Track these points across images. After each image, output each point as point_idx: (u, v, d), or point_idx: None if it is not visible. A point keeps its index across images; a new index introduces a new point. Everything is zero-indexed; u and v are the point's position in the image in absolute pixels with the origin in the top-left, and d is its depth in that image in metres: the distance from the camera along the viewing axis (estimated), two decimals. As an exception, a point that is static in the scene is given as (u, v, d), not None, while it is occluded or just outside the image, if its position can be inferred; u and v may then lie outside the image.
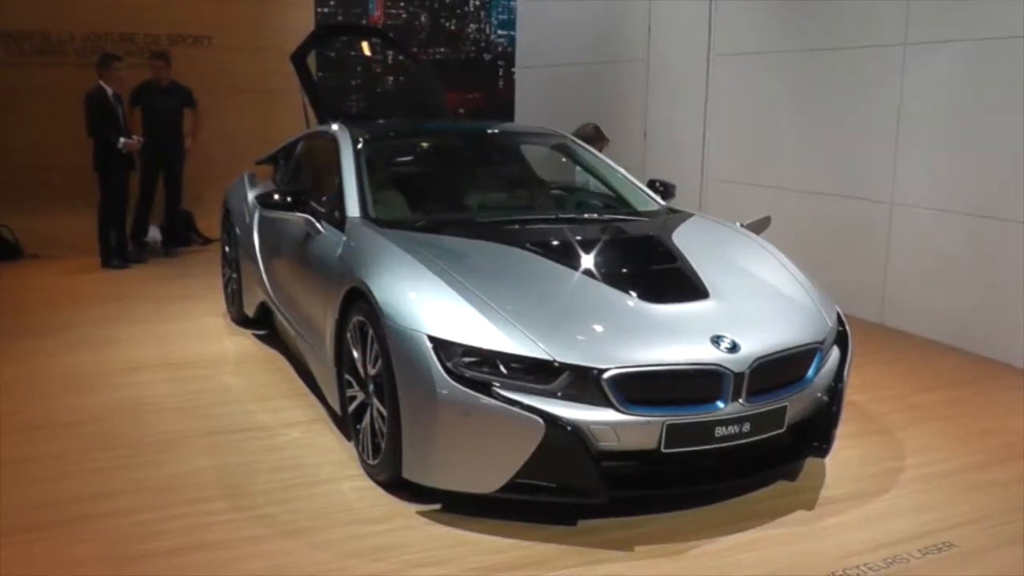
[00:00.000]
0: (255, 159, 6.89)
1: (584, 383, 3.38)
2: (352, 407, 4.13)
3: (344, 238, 4.41)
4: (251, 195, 6.11)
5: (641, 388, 3.42)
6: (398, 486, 3.81)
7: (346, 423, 4.27)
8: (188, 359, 5.72)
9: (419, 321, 3.56)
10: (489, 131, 6.02)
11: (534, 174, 5.87)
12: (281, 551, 3.37)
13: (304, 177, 5.87)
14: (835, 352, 4.04)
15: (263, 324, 6.16)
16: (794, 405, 3.72)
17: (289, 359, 5.63)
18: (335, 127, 5.36)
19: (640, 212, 5.08)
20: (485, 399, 3.36)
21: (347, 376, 4.16)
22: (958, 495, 4.03)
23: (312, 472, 4.09)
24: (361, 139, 5.10)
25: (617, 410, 3.37)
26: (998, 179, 6.06)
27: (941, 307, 6.49)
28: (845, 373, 4.01)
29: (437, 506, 3.73)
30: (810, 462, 4.11)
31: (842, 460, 4.24)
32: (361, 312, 3.93)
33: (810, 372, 3.82)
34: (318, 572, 3.23)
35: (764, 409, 3.59)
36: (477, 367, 3.43)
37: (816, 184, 7.48)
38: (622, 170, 5.57)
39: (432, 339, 3.48)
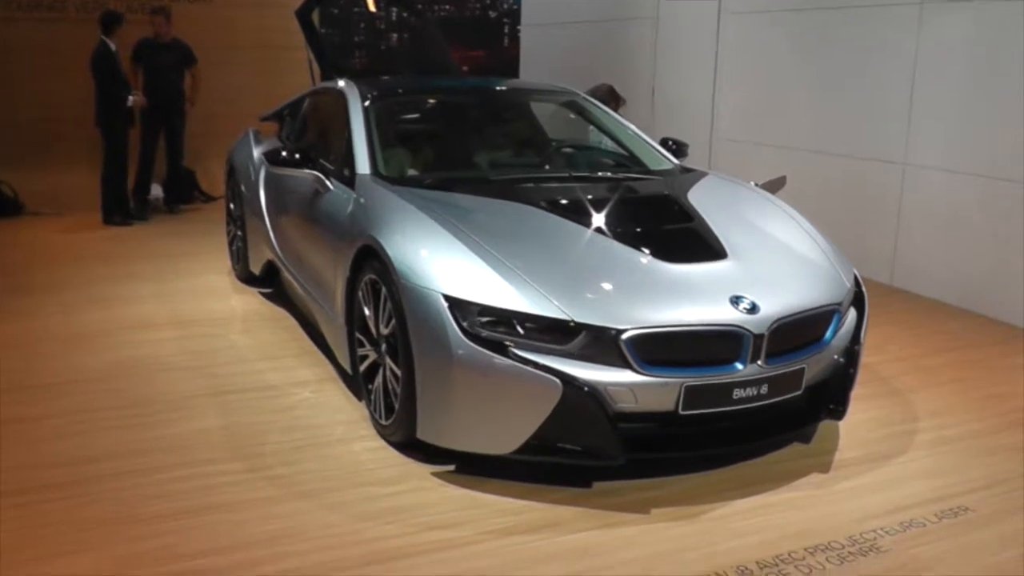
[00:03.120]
0: (259, 116, 6.79)
1: (602, 343, 3.33)
2: (364, 366, 4.09)
3: (354, 195, 4.34)
4: (256, 152, 6.02)
5: (659, 349, 3.37)
6: (411, 447, 3.78)
7: (357, 383, 4.23)
8: (194, 317, 5.67)
9: (434, 280, 3.50)
10: (500, 88, 5.92)
11: (544, 132, 5.79)
12: (293, 512, 3.34)
13: (311, 134, 5.78)
14: (852, 313, 3.99)
15: (269, 282, 6.11)
16: (811, 367, 3.68)
17: (296, 317, 5.58)
18: (342, 83, 5.27)
19: (654, 171, 5.01)
20: (502, 359, 3.31)
21: (358, 335, 4.11)
22: (971, 460, 4.00)
23: (323, 432, 4.05)
24: (370, 95, 5.00)
25: (635, 371, 3.33)
26: (1012, 141, 5.97)
27: (952, 270, 6.44)
28: (862, 335, 3.97)
29: (451, 467, 3.70)
30: (823, 424, 4.08)
31: (855, 423, 4.21)
32: (373, 270, 3.87)
33: (828, 334, 3.78)
34: (331, 534, 3.20)
35: (782, 371, 3.55)
36: (493, 327, 3.38)
37: (827, 144, 7.40)
38: (635, 128, 5.48)
39: (447, 298, 3.43)
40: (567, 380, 3.28)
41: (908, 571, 3.10)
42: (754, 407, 3.53)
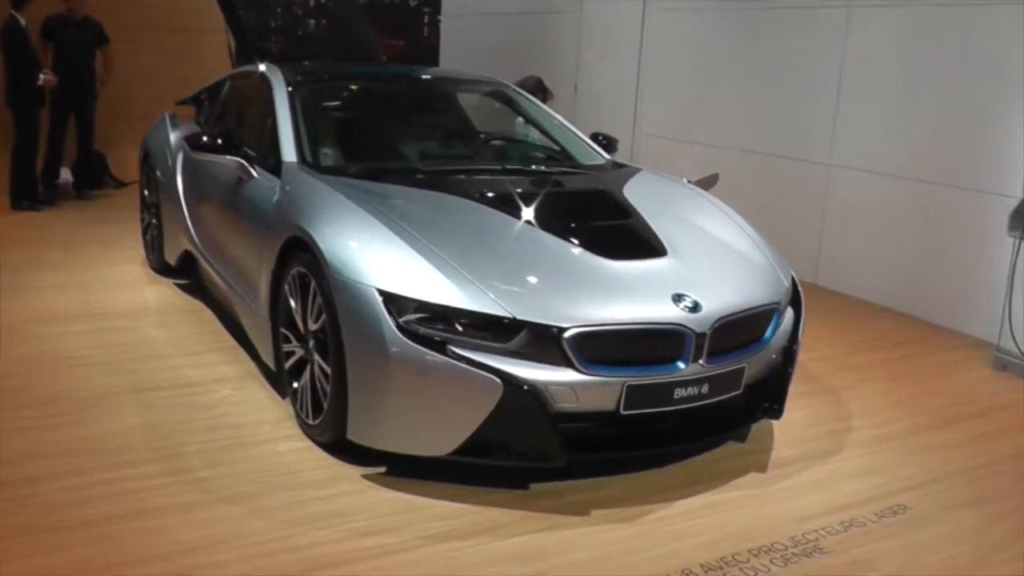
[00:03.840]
0: (176, 100, 6.50)
1: (543, 342, 3.23)
2: (289, 363, 3.91)
3: (280, 184, 4.15)
4: (174, 137, 5.75)
5: (601, 347, 3.28)
6: (340, 447, 3.63)
7: (281, 380, 4.05)
8: (108, 309, 5.38)
9: (368, 274, 3.35)
10: (428, 77, 5.76)
11: (471, 123, 5.65)
12: (219, 519, 3.15)
13: (231, 119, 5.55)
14: (789, 313, 3.97)
15: (185, 273, 5.84)
16: (751, 366, 3.64)
17: (215, 310, 5.34)
18: (265, 68, 5.05)
19: (586, 165, 4.92)
20: (439, 357, 3.18)
21: (284, 330, 3.93)
22: (905, 458, 4.03)
23: (247, 432, 3.86)
24: (295, 81, 4.80)
25: (577, 370, 3.24)
26: (934, 144, 6.08)
27: (876, 269, 6.53)
28: (799, 334, 3.96)
29: (382, 469, 3.55)
30: (758, 423, 4.05)
31: (788, 421, 4.17)
32: (302, 263, 3.69)
33: (767, 333, 3.75)
34: (259, 542, 3.03)
35: (723, 370, 3.50)
36: (430, 324, 3.25)
37: (753, 143, 7.43)
38: (565, 122, 5.40)
39: (382, 293, 3.28)
40: (508, 379, 3.16)
41: (852, 572, 3.08)
42: (694, 407, 3.47)
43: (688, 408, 3.45)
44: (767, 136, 7.32)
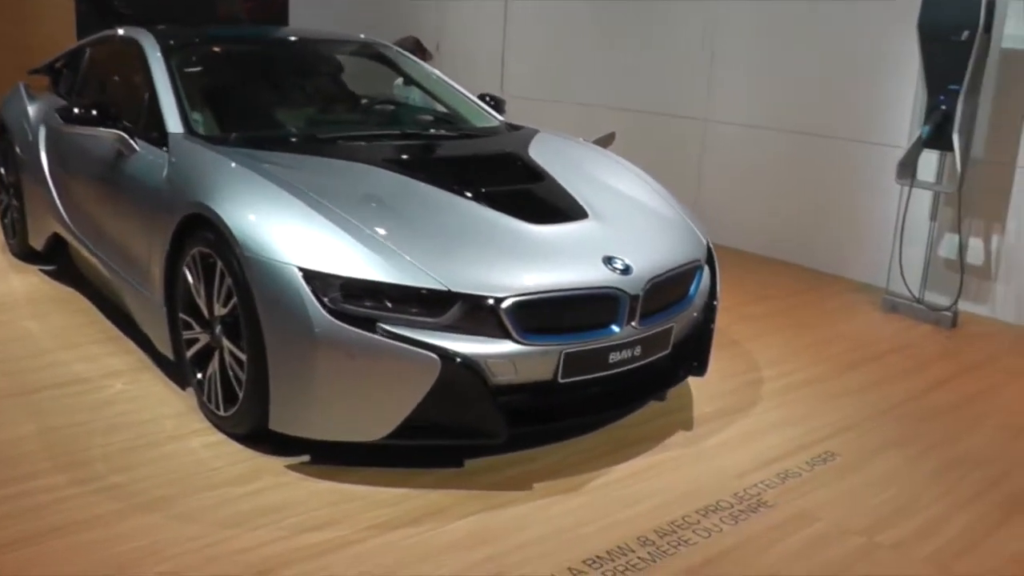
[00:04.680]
0: (27, 69, 5.94)
1: (479, 313, 3.09)
2: (191, 352, 3.64)
3: (168, 157, 3.83)
4: (33, 109, 5.25)
5: (539, 316, 3.17)
6: (256, 438, 3.41)
7: (182, 369, 3.77)
8: (-32, 303, 4.90)
9: (285, 252, 3.12)
10: (305, 38, 5.43)
11: (347, 86, 5.38)
12: (144, 528, 2.89)
13: (96, 88, 5.10)
14: (706, 269, 3.97)
15: (53, 258, 5.38)
16: (678, 325, 3.62)
17: (92, 298, 4.93)
18: (136, 31, 4.65)
19: (481, 128, 4.77)
20: (371, 337, 3.00)
21: (183, 316, 3.65)
22: (820, 405, 4.12)
23: (152, 430, 3.57)
24: (168, 46, 4.44)
25: (515, 341, 3.12)
26: (805, 97, 6.23)
27: (754, 220, 6.66)
28: (718, 291, 3.96)
29: (305, 458, 3.36)
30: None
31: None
32: (204, 242, 3.42)
33: (691, 290, 3.73)
34: (194, 548, 2.79)
35: (654, 331, 3.46)
36: (357, 301, 3.06)
37: (626, 101, 7.42)
38: (453, 83, 5.22)
39: (304, 271, 3.06)
40: (445, 355, 3.02)
41: (799, 523, 3.11)
42: (628, 369, 3.42)
43: (622, 372, 3.40)
44: (641, 94, 7.33)
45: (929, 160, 5.28)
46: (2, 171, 5.63)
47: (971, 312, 5.41)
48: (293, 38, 5.44)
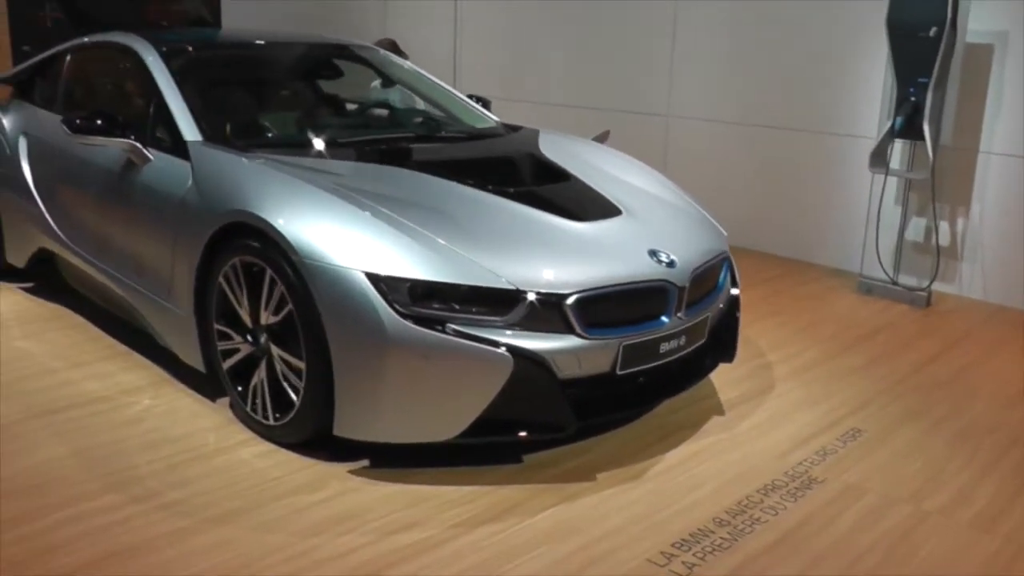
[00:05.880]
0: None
1: (545, 311, 3.14)
2: (230, 363, 3.58)
3: (191, 166, 3.75)
4: (7, 120, 5.03)
5: (599, 311, 3.24)
6: (306, 446, 3.38)
7: (221, 381, 3.69)
8: (-49, 326, 4.68)
9: (348, 257, 3.10)
10: (300, 42, 5.32)
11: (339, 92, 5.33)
12: (223, 542, 2.84)
13: (81, 96, 4.92)
14: (731, 260, 4.10)
15: (32, 275, 5.16)
16: (712, 315, 3.74)
17: (86, 314, 4.76)
18: (126, 37, 4.51)
19: (483, 129, 4.79)
20: (445, 338, 3.02)
21: (219, 327, 3.58)
22: (832, 384, 4.30)
23: (194, 443, 3.49)
24: (165, 50, 4.33)
25: (579, 336, 3.17)
26: (765, 90, 6.45)
27: (720, 211, 6.80)
28: (738, 279, 4.09)
29: (365, 462, 3.35)
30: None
31: (717, 363, 4.35)
32: (247, 251, 3.37)
33: (721, 281, 3.86)
34: (284, 559, 2.76)
35: (695, 321, 3.56)
36: (425, 303, 3.07)
37: (588, 99, 7.54)
38: (446, 85, 5.23)
39: (371, 276, 3.05)
40: (517, 353, 3.06)
41: (851, 496, 3.26)
42: (675, 359, 3.52)
43: (670, 361, 3.50)
44: (600, 92, 7.45)
45: (898, 149, 5.54)
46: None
47: (941, 291, 5.70)
48: (287, 43, 5.24)
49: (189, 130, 3.90)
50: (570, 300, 3.16)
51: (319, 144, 4.06)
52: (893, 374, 4.45)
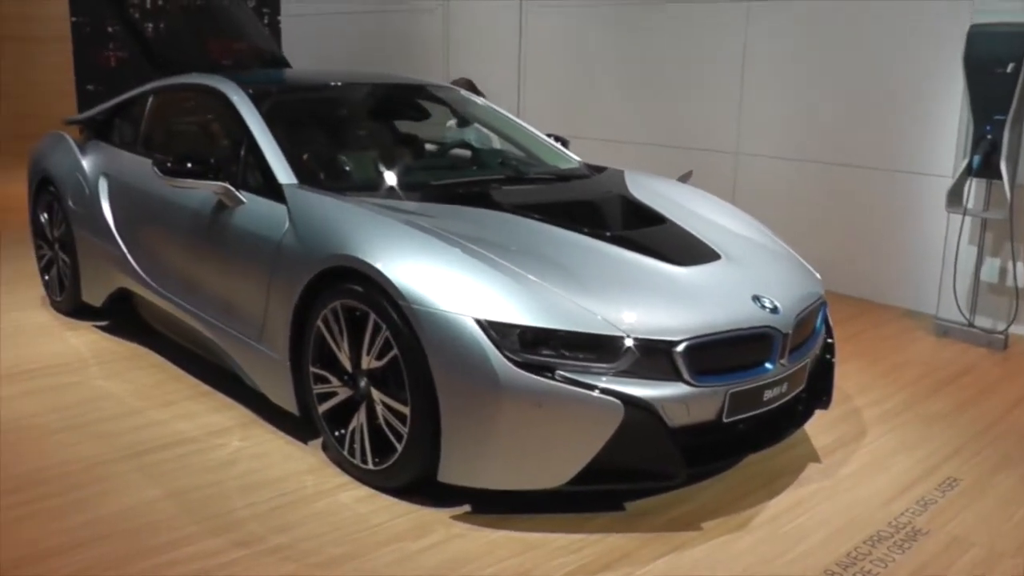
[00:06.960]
0: (64, 119, 5.77)
1: (653, 357, 3.11)
2: (326, 406, 3.57)
3: (288, 209, 3.76)
4: (87, 161, 5.09)
5: (707, 358, 3.20)
6: (404, 491, 3.36)
7: (316, 425, 3.67)
8: (33, 365, 4.67)
9: (457, 303, 3.09)
10: (385, 83, 5.34)
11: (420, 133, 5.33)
12: (339, 588, 2.83)
13: (164, 138, 4.97)
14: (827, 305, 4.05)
15: (107, 314, 5.20)
16: (810, 360, 3.69)
17: (165, 354, 4.77)
18: (213, 79, 4.56)
19: (567, 170, 4.77)
20: (555, 384, 2.99)
21: (315, 370, 3.58)
22: (924, 430, 4.22)
23: (292, 487, 3.48)
24: (254, 93, 4.37)
25: (687, 383, 3.14)
26: (837, 128, 6.41)
27: (794, 250, 6.78)
28: (831, 324, 4.05)
29: (467, 508, 3.32)
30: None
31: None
32: (349, 295, 3.37)
33: (818, 326, 3.81)
34: (401, 607, 2.74)
35: (797, 367, 3.52)
36: (535, 350, 3.05)
37: (657, 137, 7.51)
38: (527, 125, 5.24)
39: (480, 322, 3.04)
40: (627, 400, 3.03)
41: (957, 549, 3.19)
42: (777, 407, 3.47)
43: (772, 409, 3.45)
44: (668, 129, 7.43)
45: (975, 188, 5.48)
46: (45, 226, 5.43)
47: (1017, 333, 5.61)
48: (374, 84, 5.23)
49: (284, 173, 3.92)
50: (679, 347, 3.12)
51: (413, 187, 4.06)
52: (981, 419, 4.37)
